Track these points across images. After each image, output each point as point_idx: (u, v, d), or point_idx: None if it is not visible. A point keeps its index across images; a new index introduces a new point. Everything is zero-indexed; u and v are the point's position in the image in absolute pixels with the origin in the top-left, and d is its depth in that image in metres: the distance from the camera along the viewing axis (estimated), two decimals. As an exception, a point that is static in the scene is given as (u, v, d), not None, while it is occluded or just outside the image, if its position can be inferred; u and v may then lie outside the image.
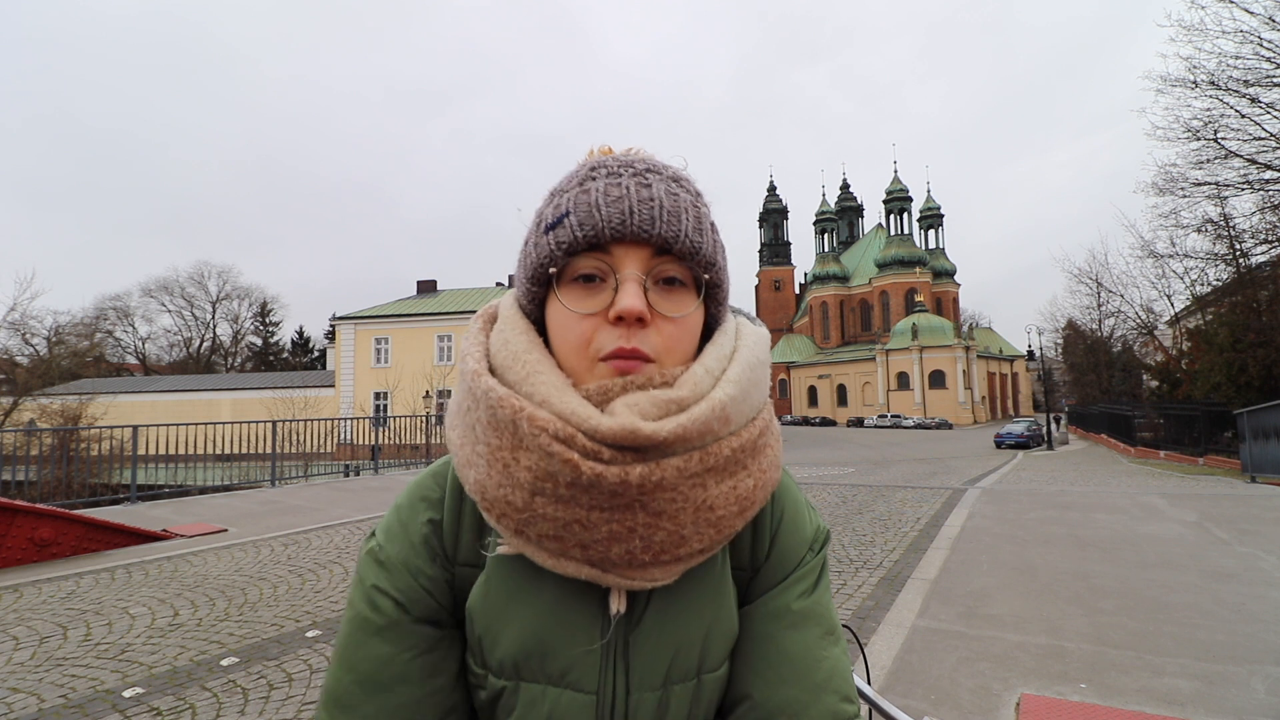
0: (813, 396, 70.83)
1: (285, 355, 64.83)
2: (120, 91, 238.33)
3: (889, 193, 73.79)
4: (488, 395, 0.54)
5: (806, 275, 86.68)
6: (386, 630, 0.59)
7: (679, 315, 0.56)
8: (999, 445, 28.00)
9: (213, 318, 61.80)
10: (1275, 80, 15.37)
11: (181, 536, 6.00)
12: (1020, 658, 3.01)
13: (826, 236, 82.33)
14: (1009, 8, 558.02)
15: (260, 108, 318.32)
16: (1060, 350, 45.96)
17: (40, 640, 3.39)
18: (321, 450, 12.73)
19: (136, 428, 9.16)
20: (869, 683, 1.01)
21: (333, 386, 36.74)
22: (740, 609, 0.64)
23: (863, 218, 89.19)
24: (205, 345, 61.44)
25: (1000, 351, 68.75)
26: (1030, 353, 34.97)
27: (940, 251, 74.90)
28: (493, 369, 0.58)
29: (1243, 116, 16.02)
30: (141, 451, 9.06)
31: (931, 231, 75.85)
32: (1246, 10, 15.12)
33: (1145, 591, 4.00)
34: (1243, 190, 16.80)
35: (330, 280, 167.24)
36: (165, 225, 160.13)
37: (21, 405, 27.01)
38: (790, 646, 0.60)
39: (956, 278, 74.43)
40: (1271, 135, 15.78)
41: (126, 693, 2.74)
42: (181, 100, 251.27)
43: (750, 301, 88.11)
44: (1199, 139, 16.67)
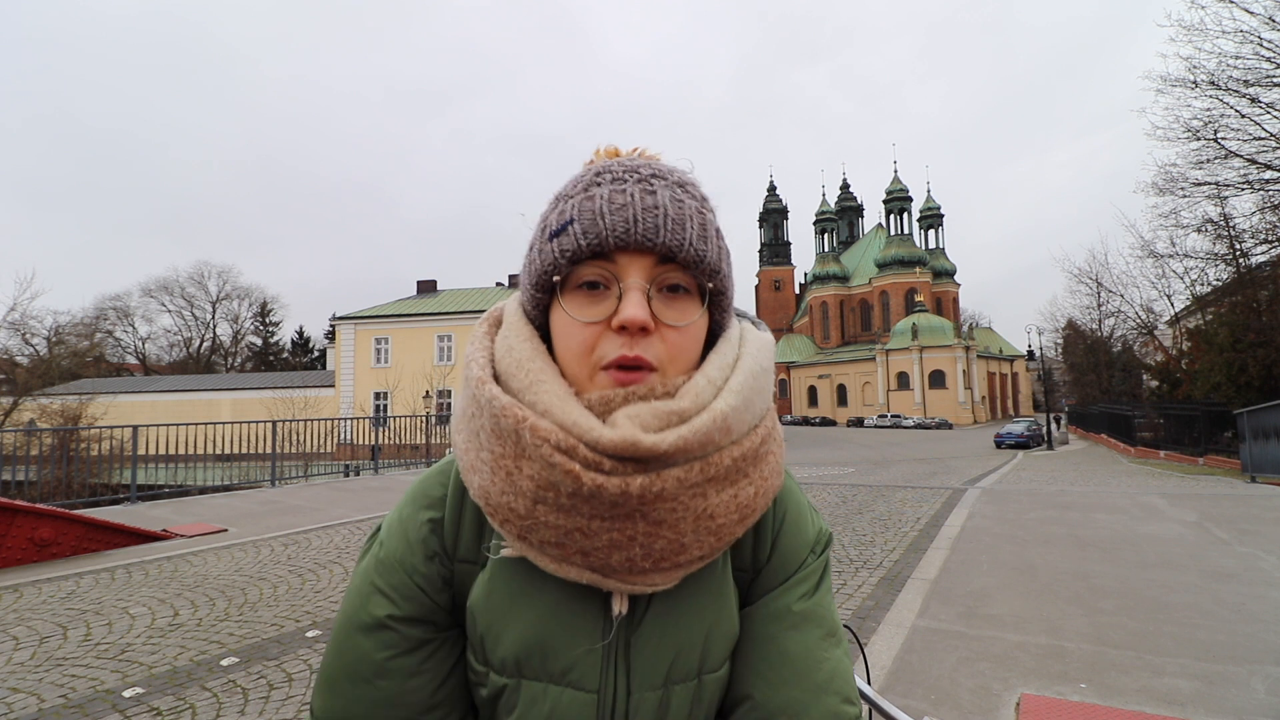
0: (813, 396, 70.84)
1: (285, 355, 64.81)
2: (120, 91, 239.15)
3: (889, 193, 73.80)
4: (491, 404, 0.54)
5: (806, 275, 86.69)
6: (373, 629, 0.61)
7: (682, 324, 0.56)
8: (999, 445, 28.00)
9: (213, 318, 61.87)
10: (1275, 80, 15.37)
11: (181, 536, 6.00)
12: (1020, 658, 3.01)
13: (826, 236, 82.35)
14: (1009, 8, 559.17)
15: (260, 108, 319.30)
16: (1060, 350, 45.94)
17: (40, 640, 3.38)
18: (321, 450, 12.73)
19: (136, 428, 9.16)
20: (869, 683, 1.01)
21: (333, 386, 36.73)
22: (742, 610, 0.65)
23: (863, 218, 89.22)
24: (205, 345, 61.46)
25: (1000, 351, 68.75)
26: (1030, 353, 34.97)
27: (940, 251, 74.90)
28: (497, 375, 0.58)
29: (1243, 116, 16.03)
30: (141, 451, 9.06)
31: (931, 231, 75.86)
32: (1246, 10, 15.14)
33: (1145, 591, 4.00)
34: (1243, 190, 16.81)
35: (330, 280, 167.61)
36: (165, 225, 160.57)
37: (21, 405, 27.00)
38: (791, 647, 0.61)
39: (956, 278, 74.46)
40: (1271, 135, 15.78)
41: (126, 693, 2.74)
42: (181, 100, 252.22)
43: (750, 301, 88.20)
44: (1199, 139, 16.68)
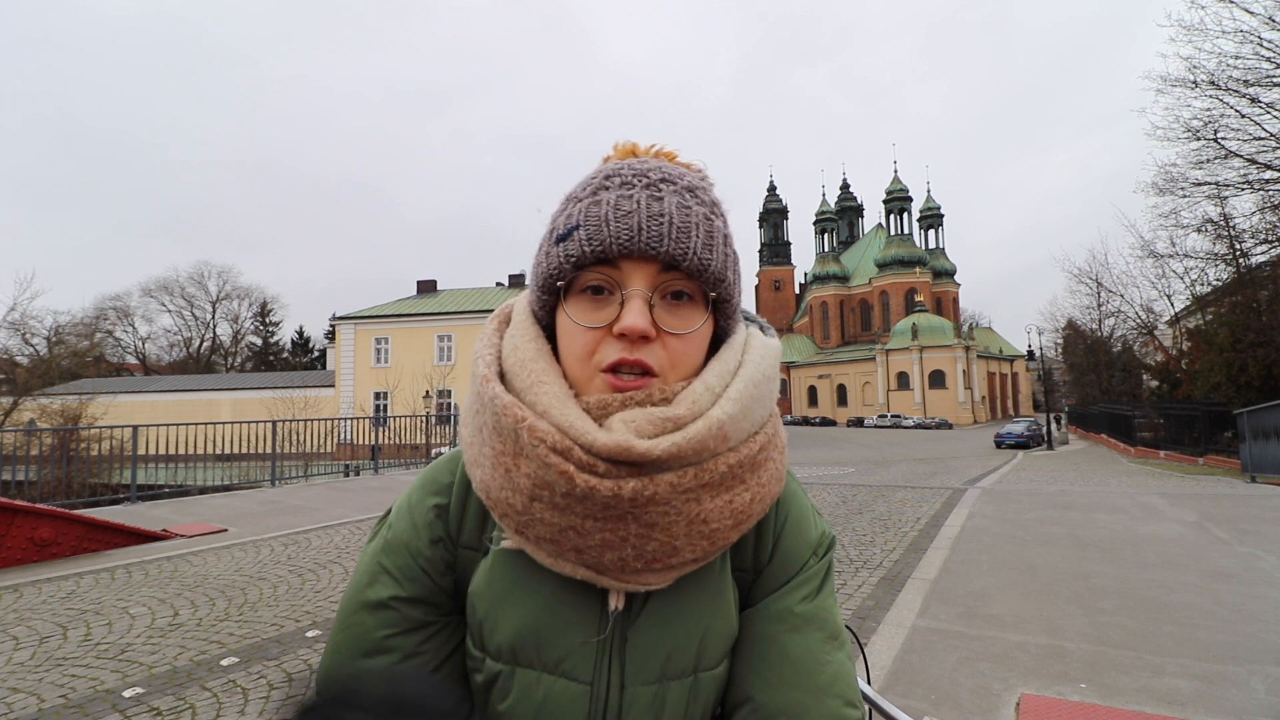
0: (813, 396, 70.82)
1: (285, 355, 64.82)
2: (120, 91, 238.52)
3: (889, 193, 73.79)
4: (493, 402, 0.56)
5: (806, 275, 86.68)
6: (376, 607, 0.62)
7: (684, 332, 0.56)
8: (999, 445, 27.98)
9: (213, 318, 61.87)
10: (1275, 80, 15.36)
11: (181, 536, 6.00)
12: (1020, 658, 3.01)
13: (826, 236, 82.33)
14: (1009, 8, 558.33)
15: (260, 108, 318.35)
16: (1060, 350, 45.92)
17: (40, 640, 3.38)
18: (321, 450, 12.72)
19: (136, 428, 9.15)
20: (869, 683, 1.01)
21: (333, 386, 36.75)
22: (743, 611, 0.65)
23: (863, 218, 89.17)
24: (205, 345, 61.46)
25: (1000, 351, 68.72)
26: (1030, 353, 34.97)
27: (940, 251, 74.89)
28: (503, 373, 0.59)
29: (1243, 116, 16.03)
30: (141, 451, 9.05)
31: (931, 231, 75.84)
32: (1246, 10, 15.13)
33: (1145, 591, 4.00)
34: (1243, 190, 16.81)
35: (330, 280, 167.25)
36: (165, 225, 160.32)
37: (21, 405, 27.01)
38: (793, 649, 0.61)
39: (956, 278, 74.43)
40: (1271, 135, 15.77)
41: (126, 693, 2.74)
42: (181, 100, 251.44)
43: (750, 301, 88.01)
44: (1199, 139, 16.68)
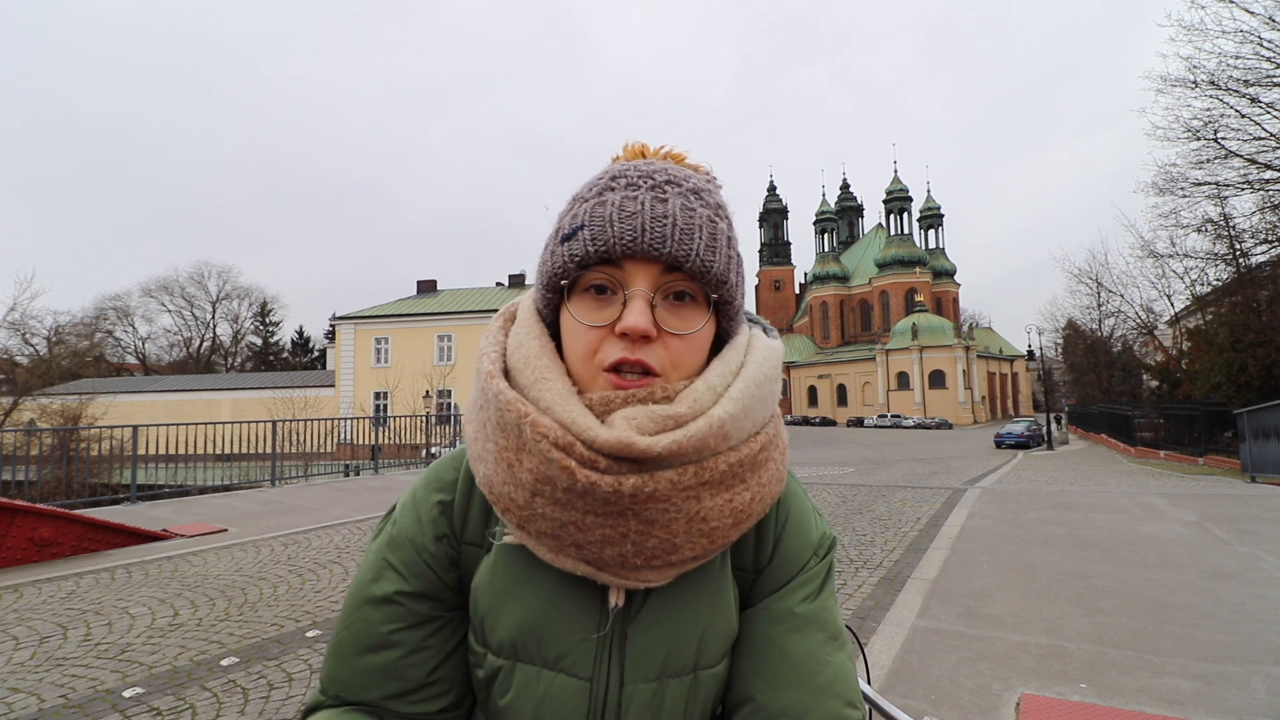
0: (813, 396, 70.81)
1: (285, 355, 64.81)
2: (120, 91, 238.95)
3: (889, 193, 73.79)
4: (497, 398, 0.56)
5: (806, 275, 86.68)
6: (381, 602, 0.63)
7: (686, 332, 0.57)
8: (999, 445, 27.99)
9: (213, 318, 61.88)
10: (1275, 80, 15.36)
11: (181, 536, 5.99)
12: (1020, 658, 3.01)
13: (826, 236, 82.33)
14: (1009, 8, 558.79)
15: (260, 108, 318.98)
16: (1060, 350, 45.92)
17: (40, 640, 3.38)
18: (321, 450, 12.72)
19: (136, 428, 9.15)
20: (869, 683, 1.01)
21: (333, 386, 36.73)
22: (744, 611, 0.65)
23: (863, 218, 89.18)
24: (205, 345, 61.46)
25: (1000, 351, 68.72)
26: (1030, 353, 34.97)
27: (940, 251, 74.89)
28: (507, 370, 0.60)
29: (1243, 116, 16.03)
30: (141, 451, 9.05)
31: (931, 231, 75.85)
32: (1246, 10, 15.13)
33: (1145, 591, 4.00)
34: (1243, 190, 16.80)
35: (330, 280, 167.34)
36: (165, 225, 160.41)
37: (21, 405, 27.00)
38: (793, 650, 0.61)
39: (956, 278, 74.45)
40: (1271, 135, 15.77)
41: (126, 693, 2.74)
42: (181, 100, 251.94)
43: (750, 301, 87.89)
44: (1199, 139, 16.68)
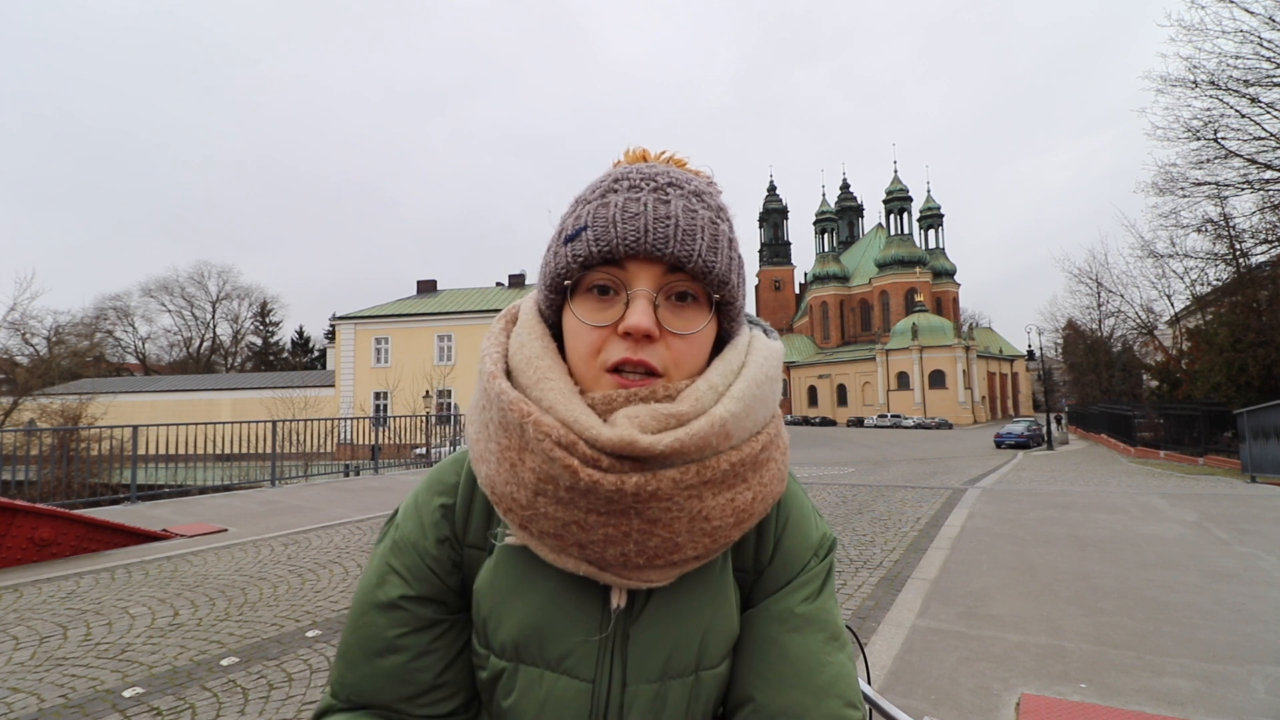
0: (813, 396, 70.81)
1: (285, 355, 64.81)
2: (120, 91, 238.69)
3: (889, 193, 73.79)
4: (500, 398, 0.56)
5: (806, 275, 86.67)
6: (387, 607, 0.64)
7: (688, 332, 0.57)
8: (999, 445, 27.99)
9: (213, 318, 61.88)
10: (1275, 80, 15.36)
11: (181, 536, 5.99)
12: (1020, 658, 3.01)
13: (826, 236, 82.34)
14: (1009, 8, 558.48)
15: (260, 108, 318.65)
16: (1060, 350, 45.92)
17: (40, 640, 3.38)
18: (321, 450, 12.72)
19: (136, 428, 9.15)
20: (869, 683, 1.01)
21: (333, 386, 36.73)
22: (744, 611, 0.65)
23: (863, 218, 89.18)
24: (205, 345, 61.46)
25: (1000, 351, 68.72)
26: (1030, 353, 34.98)
27: (940, 251, 74.88)
28: (509, 370, 0.60)
29: (1243, 116, 16.03)
30: (141, 451, 9.05)
31: (931, 231, 75.85)
32: (1246, 10, 15.13)
33: (1145, 591, 4.00)
34: (1243, 190, 16.81)
35: (330, 280, 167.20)
36: (165, 225, 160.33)
37: (21, 405, 26.98)
38: (794, 650, 0.61)
39: (956, 278, 74.45)
40: (1271, 135, 15.77)
41: (126, 693, 2.74)
42: (181, 100, 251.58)
43: (751, 301, 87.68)
44: (1199, 139, 16.68)
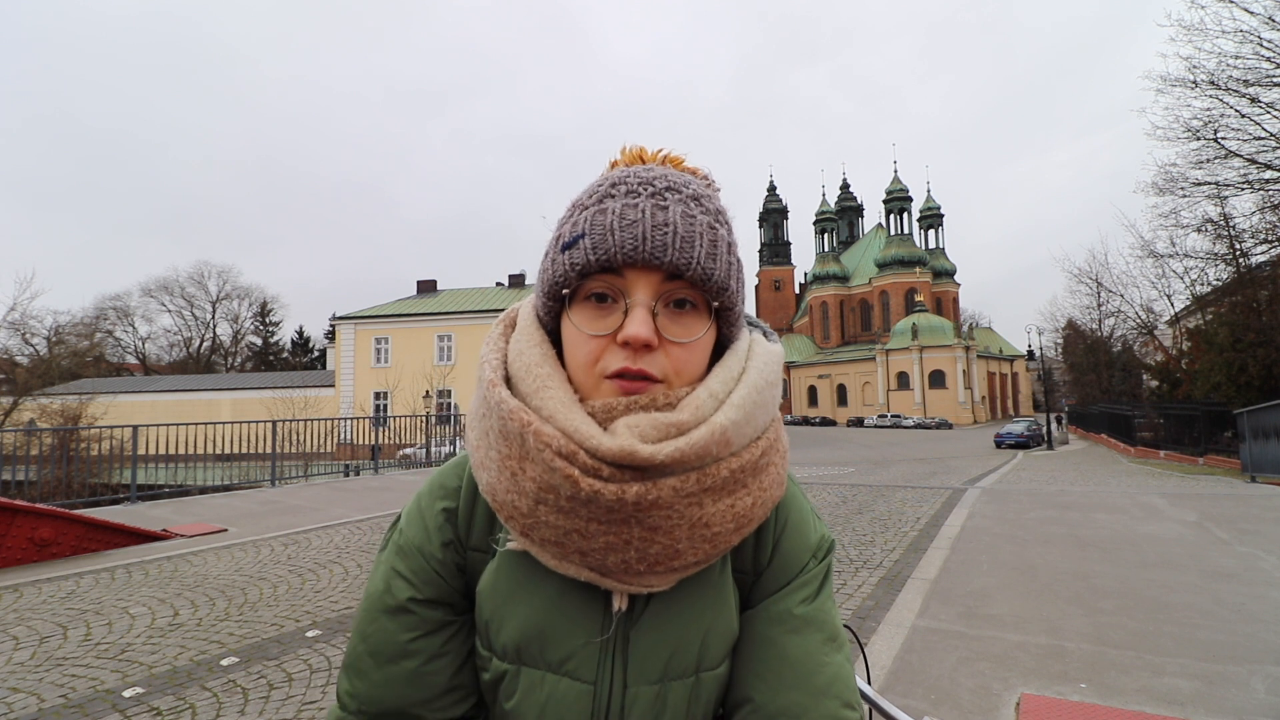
0: (813, 396, 70.81)
1: (285, 355, 64.80)
2: (120, 91, 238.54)
3: (889, 193, 73.77)
4: (499, 407, 0.56)
5: (806, 275, 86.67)
6: (396, 611, 0.64)
7: (687, 340, 0.57)
8: (999, 445, 28.00)
9: (213, 318, 61.87)
10: (1275, 80, 15.36)
11: (181, 536, 6.00)
12: (1020, 658, 3.01)
13: (826, 236, 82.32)
14: (1009, 8, 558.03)
15: (260, 108, 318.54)
16: (1060, 350, 45.92)
17: (40, 640, 3.38)
18: (321, 450, 12.72)
19: (136, 428, 9.15)
20: (869, 682, 1.01)
21: (333, 386, 36.73)
22: (743, 613, 0.65)
23: (863, 218, 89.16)
24: (205, 345, 61.45)
25: (1000, 351, 68.72)
26: (1030, 353, 34.98)
27: (940, 251, 74.88)
28: (508, 377, 0.60)
29: (1243, 116, 16.03)
30: (141, 451, 9.05)
31: (931, 231, 75.83)
32: (1246, 10, 15.13)
33: (1145, 591, 4.00)
34: (1243, 190, 16.81)
35: (330, 280, 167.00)
36: (165, 225, 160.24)
37: (21, 405, 26.99)
38: (792, 651, 0.61)
39: (956, 278, 74.43)
40: (1271, 135, 15.77)
41: (126, 693, 2.74)
42: (181, 100, 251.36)
43: (750, 302, 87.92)
44: (1199, 139, 16.68)
